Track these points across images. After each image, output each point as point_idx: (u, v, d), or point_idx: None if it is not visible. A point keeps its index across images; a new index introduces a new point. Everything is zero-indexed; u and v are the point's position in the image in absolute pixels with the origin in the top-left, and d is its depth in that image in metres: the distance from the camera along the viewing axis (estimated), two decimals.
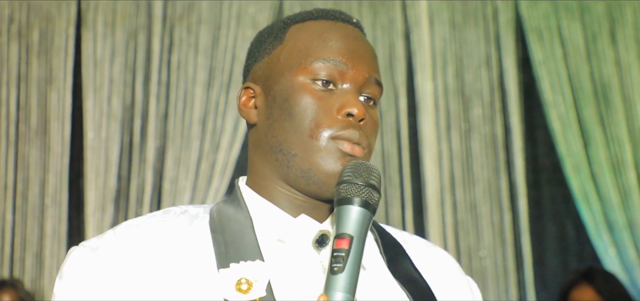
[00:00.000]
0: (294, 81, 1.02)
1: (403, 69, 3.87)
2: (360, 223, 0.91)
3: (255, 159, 1.05)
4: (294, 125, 1.00)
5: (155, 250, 0.95)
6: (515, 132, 3.88)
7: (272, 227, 1.01)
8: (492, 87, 3.92)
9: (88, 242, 0.99)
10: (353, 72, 1.03)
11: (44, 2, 3.77)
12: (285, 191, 1.02)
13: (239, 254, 0.95)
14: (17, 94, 3.72)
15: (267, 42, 1.08)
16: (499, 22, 3.96)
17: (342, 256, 0.88)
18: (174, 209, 1.03)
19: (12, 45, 3.74)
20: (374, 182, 0.94)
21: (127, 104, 3.75)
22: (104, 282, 0.93)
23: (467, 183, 3.86)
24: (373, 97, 1.06)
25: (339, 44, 1.04)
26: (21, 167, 3.70)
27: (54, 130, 3.71)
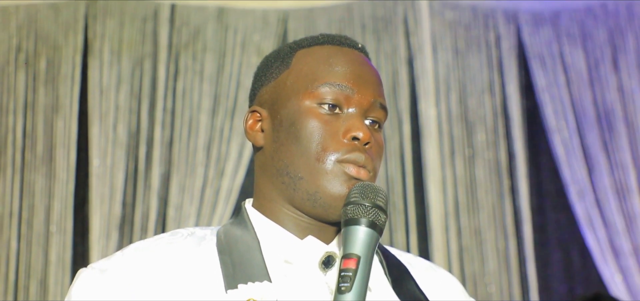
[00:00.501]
0: (301, 105, 1.03)
1: (406, 95, 3.89)
2: (367, 243, 0.92)
3: (262, 182, 1.07)
4: (300, 149, 1.01)
5: (164, 272, 0.96)
6: (519, 157, 3.89)
7: (279, 249, 1.02)
8: (495, 113, 3.94)
9: (96, 264, 1.00)
10: (358, 96, 1.04)
11: (52, 31, 3.81)
12: (291, 213, 1.03)
13: (246, 275, 0.96)
14: (23, 122, 3.75)
15: (273, 67, 1.10)
16: (501, 48, 3.99)
17: (349, 275, 0.90)
18: (181, 231, 1.04)
19: (19, 74, 3.77)
20: (381, 203, 0.95)
21: (133, 131, 3.77)
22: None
23: (472, 209, 3.86)
24: (378, 121, 1.07)
25: (344, 69, 1.06)
26: (27, 194, 3.72)
27: (60, 157, 3.73)
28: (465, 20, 4.00)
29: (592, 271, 3.75)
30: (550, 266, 3.88)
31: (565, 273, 3.87)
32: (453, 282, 1.15)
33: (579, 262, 3.86)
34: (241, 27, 3.87)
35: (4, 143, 3.72)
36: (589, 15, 4.01)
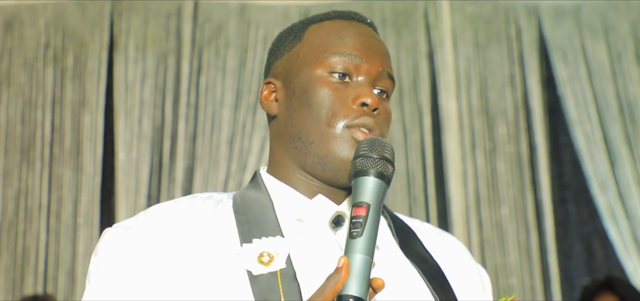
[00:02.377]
0: (313, 74, 1.09)
1: (427, 89, 3.91)
2: (376, 192, 0.97)
3: (276, 149, 1.12)
4: (312, 115, 1.07)
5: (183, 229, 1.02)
6: (541, 150, 3.89)
7: (291, 208, 1.07)
8: (516, 106, 3.95)
9: (121, 223, 1.06)
10: (367, 65, 1.10)
11: (78, 28, 3.90)
12: (303, 177, 1.09)
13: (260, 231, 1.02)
14: (51, 117, 3.85)
15: (286, 41, 1.16)
16: (522, 42, 4.00)
17: (360, 222, 0.94)
18: (200, 195, 1.10)
19: (47, 70, 3.87)
20: (388, 156, 1.00)
21: (157, 125, 3.85)
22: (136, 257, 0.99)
23: (493, 202, 3.87)
24: (386, 90, 1.12)
25: (354, 40, 1.11)
26: (55, 187, 3.81)
27: (87, 151, 3.82)
28: (485, 14, 4.01)
29: (614, 264, 3.74)
30: (572, 259, 3.88)
31: (587, 266, 3.86)
32: (459, 247, 1.18)
33: (601, 255, 3.85)
34: (263, 23, 3.93)
35: (33, 138, 3.82)
36: (611, 7, 4.00)
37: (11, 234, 3.77)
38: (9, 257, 3.74)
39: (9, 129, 3.83)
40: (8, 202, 3.79)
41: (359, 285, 0.90)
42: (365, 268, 0.91)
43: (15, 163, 3.81)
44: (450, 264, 1.12)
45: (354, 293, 0.89)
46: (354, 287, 0.90)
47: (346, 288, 0.90)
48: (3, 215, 3.78)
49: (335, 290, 0.89)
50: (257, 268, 0.97)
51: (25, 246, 3.75)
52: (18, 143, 3.83)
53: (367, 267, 0.91)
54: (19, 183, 3.81)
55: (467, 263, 1.16)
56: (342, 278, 0.89)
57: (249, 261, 0.98)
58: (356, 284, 0.90)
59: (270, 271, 0.97)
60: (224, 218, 1.04)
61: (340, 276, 0.89)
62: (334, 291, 0.89)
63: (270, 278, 0.97)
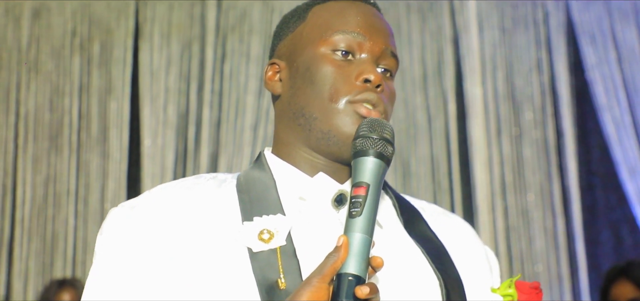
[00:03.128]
0: (316, 52, 1.09)
1: (452, 74, 3.88)
2: (376, 173, 0.97)
3: (280, 128, 1.13)
4: (315, 91, 1.07)
5: (187, 207, 1.03)
6: (568, 136, 3.84)
7: (294, 186, 1.07)
8: (543, 92, 3.89)
9: (126, 202, 1.08)
10: (370, 43, 1.09)
11: (104, 15, 3.94)
12: (307, 155, 1.09)
13: (262, 210, 1.03)
14: (79, 104, 3.90)
15: (291, 22, 1.16)
16: (549, 25, 3.93)
17: (359, 201, 0.95)
18: (205, 175, 1.11)
19: (74, 58, 3.92)
20: (388, 136, 1.00)
21: (182, 112, 3.88)
22: (140, 236, 1.01)
23: (519, 188, 3.83)
24: (390, 69, 1.12)
25: (357, 18, 1.11)
26: (82, 173, 3.87)
27: (113, 138, 3.86)
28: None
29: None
30: (600, 246, 3.82)
31: (615, 253, 3.80)
32: (466, 227, 1.18)
33: (630, 241, 3.78)
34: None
35: (60, 125, 3.88)
36: None
37: (41, 219, 3.84)
38: (38, 242, 3.82)
39: (38, 116, 3.89)
40: (37, 188, 3.85)
41: (358, 264, 0.91)
42: (364, 247, 0.91)
43: (44, 150, 3.88)
44: (456, 245, 1.12)
45: (353, 271, 0.90)
46: (353, 266, 0.90)
47: (345, 266, 0.90)
48: (33, 200, 3.85)
49: (335, 268, 0.89)
50: (257, 245, 0.98)
51: (55, 231, 3.82)
52: (46, 130, 3.89)
53: (366, 246, 0.91)
54: (47, 169, 3.87)
55: (473, 245, 1.15)
56: (341, 257, 0.90)
57: (250, 238, 0.99)
58: (355, 263, 0.91)
59: (270, 248, 0.98)
60: (227, 198, 1.05)
61: (339, 255, 0.90)
62: (333, 269, 0.89)
63: (270, 255, 0.97)
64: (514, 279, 1.01)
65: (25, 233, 3.82)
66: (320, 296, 0.88)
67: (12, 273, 3.78)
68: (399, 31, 3.92)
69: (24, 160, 3.87)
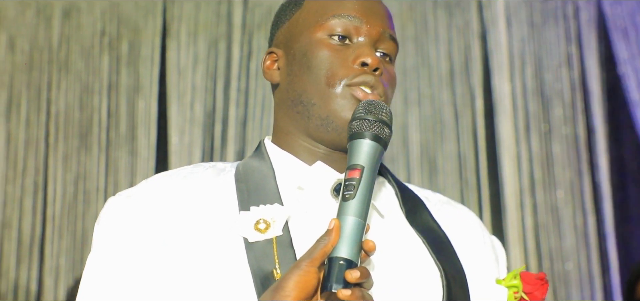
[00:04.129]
0: (312, 37, 1.08)
1: (479, 70, 3.83)
2: (371, 155, 0.95)
3: (279, 116, 1.12)
4: (312, 77, 1.06)
5: (184, 196, 1.03)
6: (599, 132, 3.76)
7: (293, 176, 1.06)
8: (573, 87, 3.82)
9: (123, 191, 1.08)
10: (367, 27, 1.08)
11: (132, 15, 3.99)
12: (306, 144, 1.08)
13: (259, 199, 1.02)
14: (108, 102, 3.95)
15: (288, 10, 1.15)
16: (580, 20, 3.86)
17: (353, 184, 0.93)
18: (203, 164, 1.11)
19: (103, 57, 3.97)
20: (385, 118, 0.98)
21: (209, 110, 3.90)
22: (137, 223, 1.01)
23: (548, 185, 3.76)
24: (389, 53, 1.10)
25: (353, 2, 1.10)
26: (111, 171, 3.91)
27: (141, 136, 3.90)
28: None
29: None
30: (632, 244, 3.73)
31: None
32: (471, 217, 1.15)
33: None
34: None
35: (90, 123, 3.93)
36: None
37: (71, 216, 3.90)
38: (69, 238, 3.87)
39: (68, 115, 3.95)
40: (67, 186, 3.91)
41: (349, 248, 0.88)
42: (357, 231, 0.89)
43: (74, 148, 3.93)
44: (460, 235, 1.09)
45: (344, 255, 0.88)
46: (344, 250, 0.88)
47: (336, 250, 0.88)
48: (63, 198, 3.90)
49: (325, 252, 0.87)
50: (253, 235, 0.97)
51: (84, 228, 3.87)
52: (76, 128, 3.94)
53: (359, 230, 0.89)
54: (77, 167, 3.92)
55: (478, 235, 1.13)
56: (332, 240, 0.88)
57: (245, 228, 0.98)
58: (347, 247, 0.88)
59: (266, 238, 0.97)
60: (225, 187, 1.05)
61: (330, 239, 0.88)
62: (323, 253, 0.87)
63: (265, 246, 0.96)
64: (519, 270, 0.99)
65: (56, 231, 3.88)
66: (309, 279, 0.86)
67: (44, 270, 3.84)
68: (425, 27, 3.89)
69: (55, 158, 3.93)
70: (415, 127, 3.82)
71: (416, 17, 3.92)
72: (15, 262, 3.80)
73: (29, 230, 3.86)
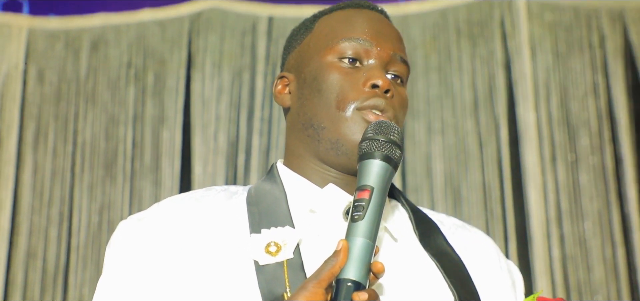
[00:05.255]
0: (322, 61, 1.08)
1: (504, 100, 3.80)
2: (381, 176, 0.94)
3: (290, 140, 1.12)
4: (322, 100, 1.06)
5: (195, 219, 1.02)
6: (627, 162, 3.69)
7: (304, 199, 1.05)
8: (600, 116, 3.77)
9: (135, 214, 1.08)
10: (378, 49, 1.08)
11: (158, 47, 4.04)
12: (317, 167, 1.07)
13: (271, 222, 1.01)
14: (133, 133, 3.99)
15: (298, 35, 1.16)
16: (606, 49, 3.82)
17: (362, 205, 0.92)
18: (216, 188, 1.11)
19: (129, 88, 4.02)
20: (395, 138, 0.97)
21: (232, 140, 3.92)
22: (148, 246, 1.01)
23: (575, 216, 3.70)
24: (400, 75, 1.10)
25: (363, 25, 1.10)
26: (136, 201, 3.93)
27: (165, 166, 3.93)
28: (566, 22, 3.87)
29: None
30: None
31: None
32: (487, 242, 1.13)
33: None
34: None
35: (115, 154, 3.97)
36: None
37: (95, 246, 3.92)
38: (93, 268, 3.89)
39: (94, 145, 3.99)
40: (92, 216, 3.94)
41: (357, 269, 0.87)
42: (365, 253, 0.88)
43: (99, 178, 3.97)
44: (475, 260, 1.07)
45: (352, 277, 0.86)
46: (352, 271, 0.87)
47: (344, 271, 0.87)
48: (88, 228, 3.93)
49: (332, 274, 0.86)
50: (263, 258, 0.96)
51: None
52: (102, 158, 3.98)
53: (368, 251, 0.88)
54: (102, 197, 3.96)
55: (494, 259, 1.11)
56: (339, 262, 0.86)
57: (256, 251, 0.97)
58: (355, 268, 0.87)
59: (277, 261, 0.96)
60: (236, 210, 1.04)
61: (337, 260, 0.86)
62: (330, 274, 0.86)
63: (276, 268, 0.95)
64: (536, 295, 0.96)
65: (80, 261, 3.90)
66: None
67: (67, 300, 3.86)
68: (449, 57, 3.88)
69: (80, 188, 3.97)
70: (439, 156, 3.80)
71: (440, 47, 3.92)
72: (39, 292, 3.83)
73: (53, 259, 3.89)
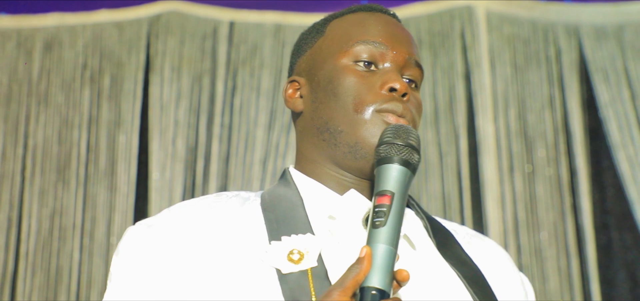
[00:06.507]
0: (337, 64, 1.05)
1: (464, 110, 3.84)
2: (401, 181, 0.92)
3: (303, 145, 1.08)
4: (339, 104, 1.03)
5: (209, 226, 0.98)
6: (582, 174, 3.78)
7: (322, 204, 1.02)
8: (556, 129, 3.85)
9: (144, 220, 1.02)
10: (393, 53, 1.06)
11: (116, 49, 3.94)
12: (333, 173, 1.04)
13: (290, 229, 0.97)
14: (87, 137, 3.87)
15: (309, 38, 1.13)
16: (562, 63, 3.91)
17: (383, 211, 0.89)
18: (226, 193, 1.07)
19: (84, 90, 3.90)
20: (414, 143, 0.95)
21: (191, 146, 3.84)
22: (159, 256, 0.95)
23: (532, 226, 3.76)
24: (414, 80, 1.08)
25: (378, 28, 1.07)
26: (89, 207, 3.82)
27: (121, 171, 3.82)
28: (524, 35, 3.94)
29: None
30: (616, 287, 3.73)
31: (631, 294, 3.72)
32: (501, 252, 1.12)
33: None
34: None
35: (68, 157, 3.85)
36: None
37: (45, 253, 3.78)
38: (42, 275, 3.75)
39: (46, 149, 3.86)
40: (43, 221, 3.80)
41: (382, 277, 0.84)
42: (388, 260, 0.85)
43: (51, 183, 3.83)
44: (491, 269, 1.06)
45: (376, 285, 0.84)
46: (376, 279, 0.84)
47: (368, 279, 0.84)
48: (38, 234, 3.79)
49: (357, 282, 0.83)
50: (286, 266, 0.92)
51: (59, 265, 3.76)
52: (54, 162, 3.85)
53: (391, 258, 0.86)
54: (54, 202, 3.82)
55: (509, 269, 1.10)
56: (363, 269, 0.83)
57: (278, 259, 0.93)
58: (379, 276, 0.84)
59: (301, 269, 0.92)
60: (252, 216, 1.00)
61: (362, 267, 0.84)
62: (355, 282, 0.83)
63: (300, 277, 0.91)
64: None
65: (29, 267, 3.76)
66: None
67: None
68: None
69: (31, 193, 3.83)
70: None
71: None
72: None
73: (0, 267, 3.74)
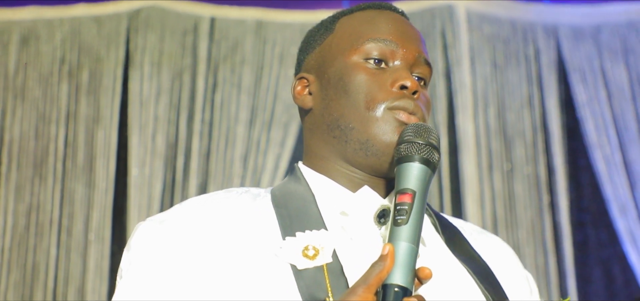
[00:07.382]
0: (347, 61, 1.06)
1: (444, 109, 3.87)
2: (422, 179, 0.92)
3: (313, 142, 1.08)
4: (350, 101, 1.03)
5: (221, 221, 0.97)
6: (559, 173, 3.83)
7: (334, 201, 1.02)
8: (534, 128, 3.90)
9: (155, 216, 1.01)
10: (403, 51, 1.06)
11: (94, 43, 3.89)
12: (344, 169, 1.04)
13: (303, 225, 0.97)
14: (65, 132, 3.82)
15: (317, 35, 1.13)
16: (541, 63, 3.96)
17: (405, 209, 0.90)
18: (236, 189, 1.06)
19: (62, 85, 3.85)
20: (434, 142, 0.96)
21: (171, 142, 3.81)
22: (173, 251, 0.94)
23: (510, 224, 3.80)
24: (424, 77, 1.09)
25: (388, 26, 1.08)
26: (67, 203, 3.77)
27: (100, 167, 3.78)
28: (504, 34, 3.98)
29: (635, 289, 3.65)
30: (591, 284, 3.80)
31: (606, 291, 3.78)
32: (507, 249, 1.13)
33: (621, 279, 3.77)
34: (279, 40, 3.91)
35: (46, 153, 3.79)
36: (631, 29, 3.96)
37: (21, 249, 3.73)
38: (18, 272, 3.70)
39: (22, 143, 3.80)
40: (19, 217, 3.75)
41: (404, 274, 0.85)
42: (410, 257, 0.86)
43: (28, 178, 3.78)
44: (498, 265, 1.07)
45: (399, 282, 0.85)
46: (399, 276, 0.85)
47: (391, 277, 0.85)
48: (14, 229, 3.74)
49: (380, 278, 0.84)
50: (301, 262, 0.92)
51: (35, 262, 3.71)
52: (31, 157, 3.80)
53: (412, 256, 0.86)
54: (30, 198, 3.77)
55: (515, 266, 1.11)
56: (387, 266, 0.84)
57: (293, 255, 0.93)
58: (401, 273, 0.85)
59: (316, 265, 0.92)
60: (264, 212, 1.00)
61: (385, 265, 0.84)
62: (378, 279, 0.83)
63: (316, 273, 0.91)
64: None
65: (4, 264, 3.70)
66: None
67: None
68: None
69: (7, 189, 3.77)
70: None
71: None
72: None
73: None
